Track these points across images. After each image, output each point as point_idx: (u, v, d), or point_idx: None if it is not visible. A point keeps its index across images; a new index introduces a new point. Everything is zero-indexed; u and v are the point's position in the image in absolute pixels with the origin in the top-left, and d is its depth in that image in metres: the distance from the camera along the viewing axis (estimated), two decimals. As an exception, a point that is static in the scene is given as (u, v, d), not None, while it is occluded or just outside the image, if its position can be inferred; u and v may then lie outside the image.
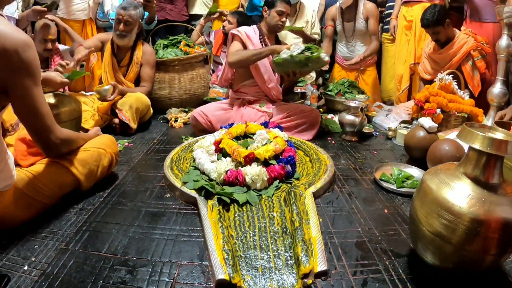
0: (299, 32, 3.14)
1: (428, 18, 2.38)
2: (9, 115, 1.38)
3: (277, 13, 2.25)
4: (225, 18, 3.19)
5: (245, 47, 2.24)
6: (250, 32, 2.29)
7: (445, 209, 0.83)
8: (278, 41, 2.43)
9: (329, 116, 2.61)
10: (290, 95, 2.61)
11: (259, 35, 2.32)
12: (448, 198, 0.83)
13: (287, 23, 2.63)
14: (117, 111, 2.15)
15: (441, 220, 0.83)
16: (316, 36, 3.44)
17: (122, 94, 2.31)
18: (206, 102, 2.72)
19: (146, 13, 2.79)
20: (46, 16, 2.44)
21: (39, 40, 2.39)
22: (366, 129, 2.28)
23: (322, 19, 3.59)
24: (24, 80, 1.00)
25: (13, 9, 2.54)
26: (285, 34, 3.28)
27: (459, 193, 0.83)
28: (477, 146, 0.81)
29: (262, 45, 2.28)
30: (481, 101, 2.23)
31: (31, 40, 1.01)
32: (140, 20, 2.44)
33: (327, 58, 1.99)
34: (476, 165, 0.84)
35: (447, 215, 0.82)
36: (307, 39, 3.11)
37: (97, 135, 1.49)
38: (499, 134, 0.85)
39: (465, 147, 1.43)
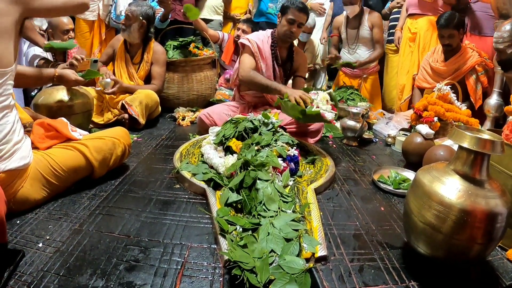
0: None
1: (448, 19, 2.46)
2: (24, 114, 1.46)
3: (288, 22, 2.19)
4: (237, 23, 3.27)
5: (255, 58, 2.21)
6: (261, 43, 2.23)
7: (436, 201, 0.91)
8: (291, 52, 2.37)
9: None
10: None
11: (271, 44, 2.26)
12: (439, 191, 0.91)
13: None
14: (127, 106, 2.23)
15: (432, 211, 0.91)
16: (317, 66, 3.75)
17: (131, 92, 2.40)
18: (212, 103, 2.80)
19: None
20: None
21: (60, 31, 2.47)
22: (366, 135, 2.35)
23: (328, 28, 3.71)
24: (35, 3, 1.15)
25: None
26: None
27: (449, 187, 0.91)
28: (465, 145, 0.89)
29: (272, 57, 2.25)
30: (478, 112, 2.32)
31: None
32: (143, 19, 2.45)
33: (330, 117, 1.83)
34: (465, 163, 0.92)
35: (438, 206, 0.90)
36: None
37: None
38: (486, 135, 0.93)
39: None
